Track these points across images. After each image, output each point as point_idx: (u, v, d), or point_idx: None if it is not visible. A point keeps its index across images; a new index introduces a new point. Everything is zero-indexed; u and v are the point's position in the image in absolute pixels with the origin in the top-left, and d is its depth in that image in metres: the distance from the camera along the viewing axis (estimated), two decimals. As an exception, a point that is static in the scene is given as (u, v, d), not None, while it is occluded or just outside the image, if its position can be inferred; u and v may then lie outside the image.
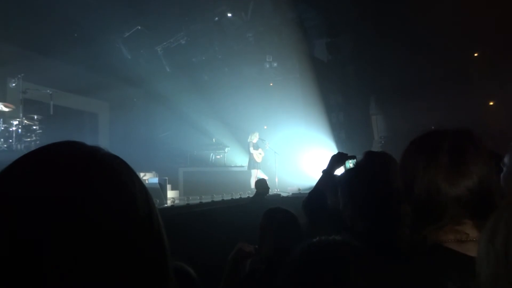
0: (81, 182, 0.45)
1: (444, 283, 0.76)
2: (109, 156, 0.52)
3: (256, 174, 8.85)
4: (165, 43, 9.76)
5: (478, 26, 8.29)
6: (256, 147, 9.11)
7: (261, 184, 5.89)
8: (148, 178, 7.81)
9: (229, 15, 9.47)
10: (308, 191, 2.07)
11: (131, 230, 0.47)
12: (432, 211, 0.85)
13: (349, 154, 2.05)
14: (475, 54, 9.76)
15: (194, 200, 6.17)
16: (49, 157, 0.48)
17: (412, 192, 0.86)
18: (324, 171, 2.04)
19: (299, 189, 8.41)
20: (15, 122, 6.06)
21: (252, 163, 9.01)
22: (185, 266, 1.74)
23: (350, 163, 2.00)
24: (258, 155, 9.06)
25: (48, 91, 6.56)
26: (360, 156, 1.90)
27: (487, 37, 8.72)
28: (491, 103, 10.03)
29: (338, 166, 2.05)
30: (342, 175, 1.77)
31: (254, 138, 9.13)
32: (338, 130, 10.62)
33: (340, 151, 2.17)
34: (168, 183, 7.28)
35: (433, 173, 0.84)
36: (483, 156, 0.85)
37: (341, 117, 10.98)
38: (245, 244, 1.94)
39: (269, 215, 1.90)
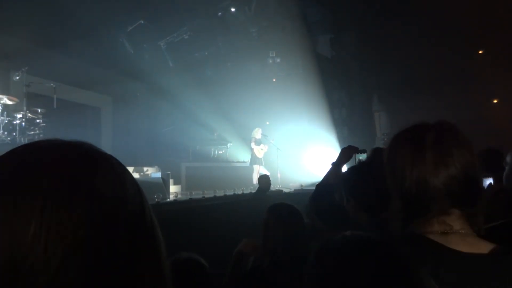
0: (71, 174, 0.44)
1: (418, 273, 0.77)
2: (97, 151, 0.50)
3: (258, 170, 8.86)
4: (168, 38, 9.74)
5: (483, 24, 8.23)
6: (258, 142, 9.10)
7: (264, 180, 5.90)
8: (151, 172, 7.84)
9: (233, 10, 9.43)
10: (310, 187, 2.07)
11: (122, 226, 0.46)
12: (421, 204, 0.87)
13: (360, 148, 2.04)
14: (480, 52, 9.70)
15: (197, 195, 6.19)
16: (38, 153, 0.47)
17: (402, 186, 0.89)
18: (333, 164, 2.04)
19: (301, 185, 8.41)
20: (19, 115, 6.08)
21: (254, 159, 9.01)
22: (197, 256, 1.77)
23: (360, 158, 1.99)
24: (259, 151, 9.05)
25: (52, 84, 6.56)
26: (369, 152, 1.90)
27: (491, 34, 8.66)
28: (495, 101, 9.98)
29: (347, 160, 2.04)
30: (347, 172, 1.76)
31: (257, 134, 9.13)
32: (340, 126, 10.61)
33: (346, 146, 2.16)
34: (171, 178, 7.31)
35: (421, 167, 0.87)
36: (465, 147, 0.88)
37: (343, 114, 10.96)
38: (250, 240, 1.94)
39: (273, 211, 1.90)
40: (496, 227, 1.03)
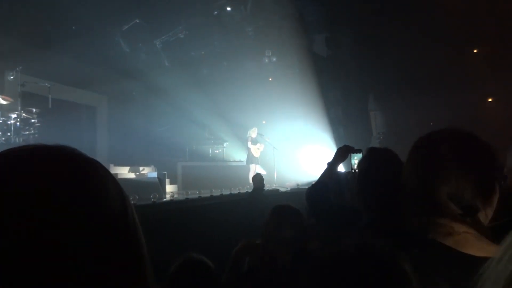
0: (51, 178, 0.45)
1: (433, 277, 0.78)
2: (79, 155, 0.51)
3: (255, 169, 8.86)
4: (164, 37, 9.71)
5: (478, 23, 8.27)
6: (254, 142, 9.11)
7: (257, 179, 5.90)
8: (147, 172, 7.81)
9: (229, 9, 9.42)
10: (306, 187, 2.07)
11: (102, 228, 0.46)
12: (432, 208, 0.91)
13: (355, 148, 2.04)
14: (475, 51, 9.75)
15: (193, 194, 6.17)
16: (20, 158, 0.48)
17: (413, 188, 0.94)
18: (328, 164, 2.04)
19: (297, 184, 8.42)
20: (14, 115, 6.03)
21: (250, 158, 9.01)
22: (202, 257, 1.77)
23: (355, 158, 1.98)
24: (256, 150, 9.06)
25: (47, 84, 6.52)
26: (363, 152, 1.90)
27: (487, 33, 8.71)
28: (490, 100, 10.05)
29: (343, 159, 2.04)
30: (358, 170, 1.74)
31: (253, 133, 9.13)
32: (336, 125, 10.63)
33: (342, 145, 2.16)
34: (167, 178, 7.29)
35: (432, 172, 0.91)
36: (479, 157, 0.91)
37: (339, 113, 10.98)
38: (249, 240, 1.94)
39: (275, 213, 1.89)
40: (499, 226, 1.04)
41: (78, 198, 0.46)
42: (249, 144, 9.03)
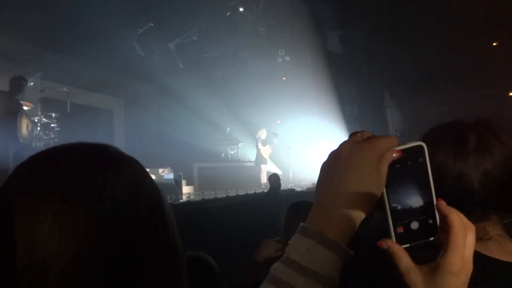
0: (86, 175, 0.47)
1: None
2: (117, 152, 0.54)
3: (266, 169, 8.87)
4: (177, 40, 9.81)
5: (497, 15, 8.05)
6: (264, 143, 9.12)
7: (274, 179, 5.89)
8: (164, 174, 7.90)
9: (241, 9, 9.44)
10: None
11: (137, 225, 0.47)
12: (461, 205, 0.82)
13: None
14: (494, 44, 9.49)
15: (209, 195, 6.21)
16: (59, 155, 0.50)
17: (442, 186, 0.83)
18: None
19: (313, 184, 8.36)
20: (34, 121, 6.20)
21: (260, 159, 9.02)
22: (206, 256, 1.75)
23: None
24: (265, 151, 9.07)
25: (65, 89, 6.68)
26: None
27: (506, 26, 8.47)
28: (511, 94, 9.76)
29: None
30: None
31: (262, 134, 9.13)
32: (352, 123, 10.52)
33: None
34: (183, 179, 7.35)
35: (463, 164, 0.80)
36: (507, 146, 0.83)
37: (355, 110, 10.86)
38: (271, 241, 1.91)
39: (293, 209, 1.87)
40: None
41: (113, 193, 0.47)
42: (260, 146, 9.03)
